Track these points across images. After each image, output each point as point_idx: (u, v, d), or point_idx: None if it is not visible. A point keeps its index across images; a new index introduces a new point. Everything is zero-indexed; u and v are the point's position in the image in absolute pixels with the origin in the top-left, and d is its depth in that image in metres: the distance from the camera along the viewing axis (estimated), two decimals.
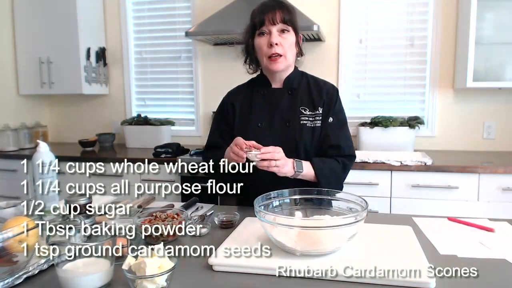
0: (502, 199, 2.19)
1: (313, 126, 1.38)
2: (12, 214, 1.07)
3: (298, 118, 1.38)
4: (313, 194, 1.12)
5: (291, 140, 1.36)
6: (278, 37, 1.32)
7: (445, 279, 0.82)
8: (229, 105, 1.46)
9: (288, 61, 1.36)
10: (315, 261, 0.88)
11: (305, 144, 1.36)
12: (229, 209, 1.29)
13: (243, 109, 1.44)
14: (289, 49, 1.35)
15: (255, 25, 1.35)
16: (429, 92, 2.82)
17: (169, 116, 3.26)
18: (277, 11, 1.31)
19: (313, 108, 1.39)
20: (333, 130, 1.39)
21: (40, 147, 1.24)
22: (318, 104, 1.39)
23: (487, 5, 2.45)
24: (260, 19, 1.32)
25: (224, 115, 1.47)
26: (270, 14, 1.31)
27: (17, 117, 3.21)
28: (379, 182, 2.31)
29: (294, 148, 1.36)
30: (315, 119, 1.38)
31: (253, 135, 1.37)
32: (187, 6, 3.17)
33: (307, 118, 1.38)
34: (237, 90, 1.51)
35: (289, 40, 1.34)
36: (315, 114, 1.39)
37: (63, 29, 3.02)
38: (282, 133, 1.38)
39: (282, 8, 1.33)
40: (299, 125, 1.38)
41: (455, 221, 1.22)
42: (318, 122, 1.38)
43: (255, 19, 1.34)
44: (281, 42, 1.32)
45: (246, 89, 1.48)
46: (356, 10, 2.88)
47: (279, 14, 1.31)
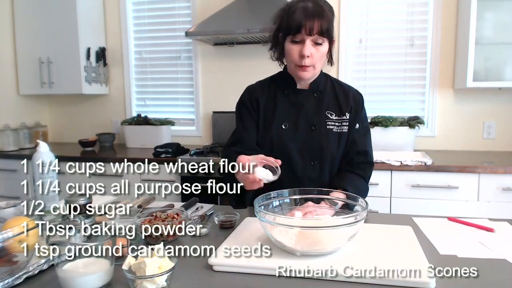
0: (502, 199, 2.19)
1: (340, 131, 1.34)
2: (12, 214, 1.07)
3: (324, 122, 1.34)
4: (313, 194, 1.11)
5: (317, 145, 1.33)
6: (310, 48, 1.23)
7: (445, 279, 0.82)
8: (253, 100, 1.38)
9: (317, 70, 1.31)
10: (315, 261, 0.88)
11: (331, 150, 1.33)
12: (229, 209, 1.29)
13: (267, 108, 1.37)
14: (320, 60, 1.28)
15: (289, 29, 1.24)
16: (429, 92, 2.82)
17: (169, 116, 3.26)
18: (316, 20, 1.21)
19: (340, 113, 1.35)
20: (360, 137, 1.36)
21: (40, 147, 1.24)
22: (345, 109, 1.35)
23: (487, 5, 2.45)
24: (297, 26, 1.22)
25: (249, 110, 1.39)
26: (308, 23, 1.21)
27: (17, 117, 3.21)
28: (379, 182, 2.31)
29: (319, 154, 1.32)
30: (341, 124, 1.34)
31: (276, 136, 1.33)
32: (187, 6, 3.17)
33: (333, 123, 1.34)
34: (260, 86, 1.42)
35: (321, 51, 1.27)
36: (342, 119, 1.35)
37: (63, 29, 3.02)
38: (307, 136, 1.33)
39: (322, 17, 1.22)
40: (325, 130, 1.33)
41: (455, 221, 1.22)
42: (344, 128, 1.35)
43: (291, 23, 1.23)
44: (313, 53, 1.24)
45: (269, 86, 1.41)
46: (356, 10, 2.88)
47: (317, 25, 1.21)
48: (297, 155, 1.33)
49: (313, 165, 1.33)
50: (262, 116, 1.37)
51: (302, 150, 1.33)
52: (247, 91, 1.43)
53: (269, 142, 1.35)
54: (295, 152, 1.33)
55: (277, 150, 1.33)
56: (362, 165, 1.37)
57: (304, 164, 1.33)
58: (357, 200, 1.04)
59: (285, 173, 1.31)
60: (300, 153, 1.33)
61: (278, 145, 1.33)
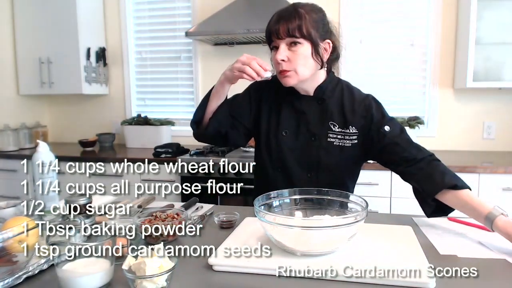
0: (502, 199, 2.19)
1: (342, 145, 1.26)
2: (12, 214, 1.07)
3: (326, 134, 1.27)
4: (313, 194, 1.11)
5: (314, 157, 1.28)
6: (285, 51, 1.18)
7: (445, 279, 0.82)
8: (257, 97, 1.35)
9: (302, 75, 1.20)
10: (315, 261, 0.88)
11: (330, 164, 1.27)
12: (229, 209, 1.29)
13: (271, 114, 1.33)
14: (301, 63, 1.18)
15: (267, 38, 1.23)
16: (429, 92, 2.82)
17: (169, 116, 3.26)
18: (284, 23, 1.16)
19: (344, 125, 1.27)
20: (399, 136, 1.24)
21: (40, 147, 1.24)
22: (350, 121, 1.26)
23: (487, 5, 2.45)
24: (268, 33, 1.21)
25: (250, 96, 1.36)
26: (275, 27, 1.18)
27: (17, 117, 3.21)
28: (379, 182, 2.31)
29: (316, 167, 1.28)
30: (344, 138, 1.26)
31: (275, 143, 1.31)
32: (187, 6, 3.17)
33: (335, 136, 1.27)
34: (265, 87, 1.36)
35: (300, 53, 1.18)
36: (345, 132, 1.26)
37: (63, 29, 3.02)
38: (306, 146, 1.29)
39: (291, 19, 1.17)
40: (325, 142, 1.27)
41: (455, 221, 1.22)
42: (347, 142, 1.26)
43: (266, 32, 1.23)
44: (289, 56, 1.18)
45: (275, 90, 1.34)
46: (356, 10, 2.88)
47: (283, 27, 1.16)
48: (295, 165, 1.30)
49: (309, 177, 1.29)
50: (265, 121, 1.34)
51: (300, 160, 1.29)
52: (255, 84, 1.36)
53: (268, 148, 1.33)
54: (293, 161, 1.30)
55: (275, 157, 1.31)
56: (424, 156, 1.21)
57: (301, 175, 1.30)
58: (353, 199, 1.04)
59: (282, 180, 1.31)
60: (297, 163, 1.30)
61: (276, 152, 1.31)
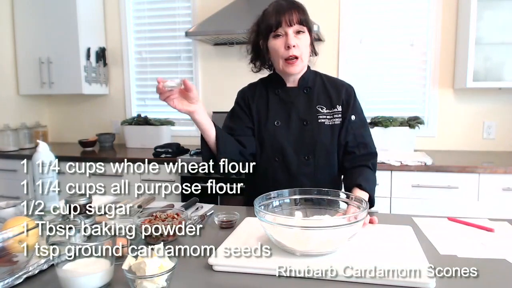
0: (502, 199, 2.19)
1: (332, 124, 1.36)
2: (12, 214, 1.07)
3: (316, 117, 1.36)
4: (313, 194, 1.11)
5: (309, 139, 1.35)
6: (294, 38, 1.28)
7: (445, 279, 0.82)
8: (245, 100, 1.43)
9: (304, 62, 1.34)
10: (315, 261, 0.88)
11: (325, 143, 1.35)
12: (229, 209, 1.29)
13: (259, 108, 1.41)
14: (305, 51, 1.31)
15: (270, 26, 1.29)
16: (429, 92, 2.82)
17: (169, 116, 3.26)
18: (294, 11, 1.27)
19: (331, 106, 1.37)
20: (358, 129, 1.38)
21: (40, 147, 1.24)
22: (336, 101, 1.38)
23: (487, 5, 2.45)
24: (276, 21, 1.28)
25: (241, 107, 1.43)
26: (287, 15, 1.27)
27: (17, 117, 3.21)
28: (379, 182, 2.29)
29: (313, 148, 1.35)
30: (333, 116, 1.37)
31: (270, 134, 1.37)
32: (187, 6, 3.17)
33: (325, 116, 1.37)
34: (251, 88, 1.46)
35: (305, 41, 1.30)
36: (333, 112, 1.37)
37: (63, 29, 3.02)
38: (300, 132, 1.36)
39: (297, 9, 1.29)
40: (317, 124, 1.36)
41: (455, 221, 1.22)
42: (337, 120, 1.37)
43: (270, 21, 1.29)
44: (297, 43, 1.28)
45: (260, 88, 1.44)
46: (356, 10, 2.88)
47: (295, 15, 1.27)
48: (291, 151, 1.36)
49: (307, 159, 1.35)
50: (256, 116, 1.40)
51: (296, 146, 1.36)
52: (239, 93, 1.47)
53: (264, 141, 1.38)
54: (289, 148, 1.36)
55: (272, 148, 1.37)
56: (365, 157, 1.38)
57: (298, 160, 1.36)
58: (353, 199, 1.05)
59: (281, 170, 1.37)
60: (294, 149, 1.36)
61: (272, 142, 1.37)
